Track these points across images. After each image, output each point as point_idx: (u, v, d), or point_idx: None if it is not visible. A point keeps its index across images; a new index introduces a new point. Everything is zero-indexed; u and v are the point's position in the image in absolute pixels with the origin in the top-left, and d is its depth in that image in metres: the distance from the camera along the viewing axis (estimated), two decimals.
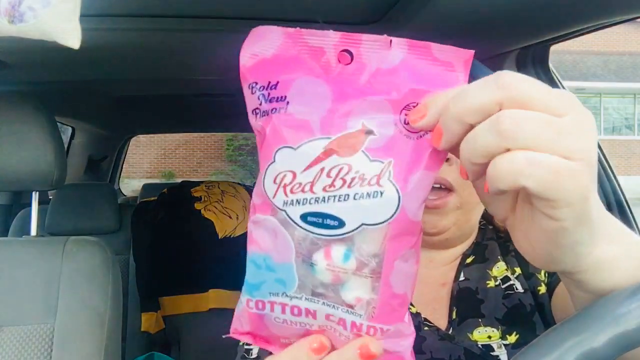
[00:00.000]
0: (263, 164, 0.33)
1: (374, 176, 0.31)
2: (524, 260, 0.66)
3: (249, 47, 0.33)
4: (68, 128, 2.40)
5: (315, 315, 0.33)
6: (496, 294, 0.65)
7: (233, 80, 1.56)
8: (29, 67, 1.19)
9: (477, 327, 0.62)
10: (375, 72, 0.32)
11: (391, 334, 0.33)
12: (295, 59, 0.32)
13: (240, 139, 11.66)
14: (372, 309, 0.32)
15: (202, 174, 11.88)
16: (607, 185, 1.13)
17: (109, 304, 1.00)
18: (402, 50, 0.32)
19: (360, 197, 0.30)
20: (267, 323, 0.35)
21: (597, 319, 0.26)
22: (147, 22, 0.89)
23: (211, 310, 1.75)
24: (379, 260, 0.31)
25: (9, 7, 0.50)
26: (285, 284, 0.32)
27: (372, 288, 0.32)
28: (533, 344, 0.27)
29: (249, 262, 0.34)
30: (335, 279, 0.32)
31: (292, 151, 0.32)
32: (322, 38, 0.32)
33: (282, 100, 0.32)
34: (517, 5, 0.73)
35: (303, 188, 0.31)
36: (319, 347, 0.33)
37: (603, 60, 13.52)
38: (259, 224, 0.33)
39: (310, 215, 0.31)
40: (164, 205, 1.88)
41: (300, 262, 0.32)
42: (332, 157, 0.31)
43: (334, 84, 0.32)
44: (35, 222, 1.12)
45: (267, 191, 0.32)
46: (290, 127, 0.32)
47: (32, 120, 1.01)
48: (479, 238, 0.70)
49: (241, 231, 1.82)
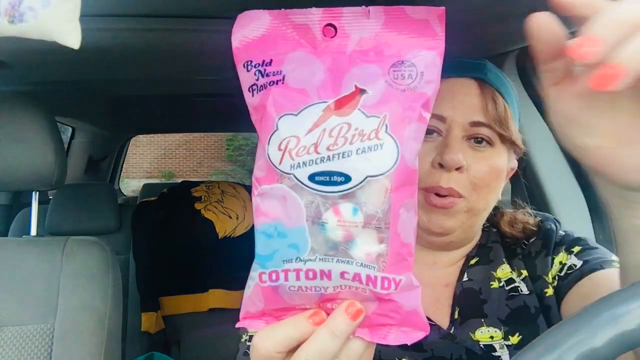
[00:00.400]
0: (264, 136, 0.35)
1: (372, 131, 0.33)
2: (531, 262, 0.66)
3: (239, 31, 0.36)
4: (68, 128, 2.40)
5: (330, 275, 0.34)
6: (500, 294, 0.65)
7: (233, 80, 1.55)
8: (29, 67, 1.19)
9: (479, 327, 0.63)
10: (359, 41, 0.35)
11: (404, 286, 0.34)
12: (284, 37, 0.35)
13: (240, 139, 11.66)
14: (383, 262, 0.34)
15: (202, 174, 11.88)
16: None
17: (109, 304, 1.00)
18: (380, 17, 0.34)
19: (362, 152, 0.33)
20: (281, 294, 0.35)
21: (597, 318, 0.26)
22: (147, 22, 0.89)
23: (211, 310, 1.75)
24: (385, 210, 0.33)
25: (9, 7, 0.50)
26: (299, 248, 0.34)
27: (381, 240, 0.33)
28: (533, 344, 0.27)
29: (258, 235, 0.35)
30: (347, 234, 0.33)
31: (294, 117, 0.34)
32: (306, 15, 0.35)
33: (278, 74, 0.35)
34: (517, 5, 0.73)
35: (308, 150, 0.33)
36: (317, 317, 0.35)
37: None
38: (265, 194, 0.35)
39: (318, 174, 0.33)
40: (164, 205, 1.88)
41: (311, 224, 0.33)
42: (332, 118, 0.33)
43: (322, 56, 0.35)
44: (35, 222, 1.12)
45: (272, 159, 0.34)
46: (289, 95, 0.34)
47: (32, 120, 1.01)
48: (483, 240, 0.70)
49: (241, 231, 1.82)
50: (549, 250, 0.65)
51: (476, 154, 0.62)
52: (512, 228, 0.69)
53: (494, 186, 0.63)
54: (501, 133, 0.62)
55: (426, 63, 0.34)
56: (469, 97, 0.62)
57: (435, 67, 0.35)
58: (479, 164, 0.61)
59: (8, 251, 1.01)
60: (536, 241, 0.68)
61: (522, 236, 0.69)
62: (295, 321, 0.35)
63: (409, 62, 0.34)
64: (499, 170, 0.63)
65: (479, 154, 0.62)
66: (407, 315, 0.35)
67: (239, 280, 1.88)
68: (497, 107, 0.62)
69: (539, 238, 0.68)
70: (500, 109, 0.62)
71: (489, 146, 0.62)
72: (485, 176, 0.62)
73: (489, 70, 0.65)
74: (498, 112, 0.62)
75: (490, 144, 0.62)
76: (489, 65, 0.66)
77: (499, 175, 0.63)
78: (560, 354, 0.25)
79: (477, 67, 0.65)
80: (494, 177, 0.62)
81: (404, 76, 0.34)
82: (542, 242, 0.67)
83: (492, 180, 0.62)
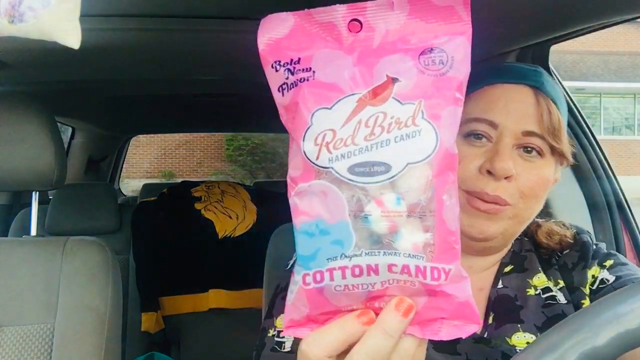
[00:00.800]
0: (298, 134, 0.34)
1: (408, 117, 0.33)
2: (567, 273, 0.66)
3: (264, 34, 0.36)
4: (68, 128, 2.40)
5: (377, 270, 0.33)
6: (537, 302, 0.64)
7: (233, 80, 1.56)
8: (29, 67, 1.19)
9: (516, 332, 0.62)
10: (385, 34, 0.34)
11: (453, 276, 0.33)
12: (310, 36, 0.35)
13: (240, 139, 11.65)
14: (431, 251, 0.33)
15: (202, 174, 11.87)
16: (607, 185, 1.13)
17: (109, 304, 1.00)
18: (405, 8, 0.34)
19: (400, 139, 0.32)
20: (327, 295, 0.34)
21: (599, 317, 0.26)
22: (147, 22, 0.89)
23: (211, 310, 1.75)
24: (429, 197, 0.32)
25: (9, 7, 0.50)
26: (343, 244, 0.33)
27: (426, 228, 0.33)
28: (535, 343, 0.27)
29: (298, 235, 0.35)
30: (391, 225, 0.32)
31: (328, 111, 0.34)
32: (331, 12, 0.35)
33: (307, 71, 0.35)
34: (517, 5, 0.73)
35: (345, 142, 0.33)
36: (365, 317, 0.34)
37: (603, 60, 13.51)
38: (303, 193, 0.34)
39: (357, 165, 0.33)
40: (164, 205, 1.88)
41: (354, 218, 0.33)
42: (367, 109, 0.33)
43: (350, 52, 0.34)
44: (35, 222, 1.11)
45: (309, 155, 0.34)
46: (321, 90, 0.34)
47: (32, 120, 1.01)
48: (516, 248, 0.69)
49: (241, 231, 1.82)
50: (586, 263, 0.65)
51: (526, 164, 0.61)
52: (549, 239, 0.68)
53: (540, 196, 0.62)
54: (552, 145, 0.60)
55: (456, 48, 0.34)
56: (524, 105, 0.61)
57: (465, 51, 0.34)
58: (529, 173, 0.60)
59: (8, 251, 1.01)
60: (572, 253, 0.67)
61: (558, 248, 0.68)
62: (344, 322, 0.34)
63: (438, 48, 0.34)
64: (547, 181, 0.62)
65: (528, 163, 0.61)
66: (459, 307, 0.34)
67: (239, 280, 1.89)
68: (552, 117, 0.60)
69: (575, 250, 0.67)
70: (555, 120, 0.60)
71: (539, 156, 0.61)
72: (534, 186, 0.60)
73: (545, 79, 0.63)
74: (552, 123, 0.60)
75: (540, 155, 0.61)
76: (545, 73, 0.65)
77: (546, 186, 0.62)
78: (563, 352, 0.25)
79: (534, 74, 0.63)
80: (542, 188, 0.61)
81: (434, 62, 0.34)
82: (579, 255, 0.66)
83: (540, 190, 0.61)
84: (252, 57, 0.38)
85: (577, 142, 1.12)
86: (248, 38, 1.05)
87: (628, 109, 14.15)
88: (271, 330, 0.67)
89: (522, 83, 0.63)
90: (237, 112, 2.24)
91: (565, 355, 0.25)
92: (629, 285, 0.27)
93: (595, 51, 13.36)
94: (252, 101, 1.94)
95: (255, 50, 0.36)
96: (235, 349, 1.76)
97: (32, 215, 1.11)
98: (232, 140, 11.79)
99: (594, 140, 1.13)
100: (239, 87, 1.68)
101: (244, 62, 1.09)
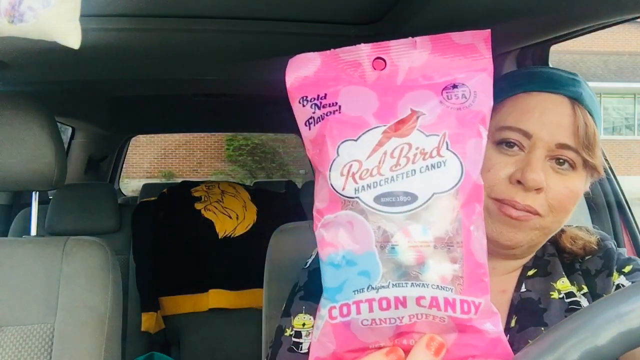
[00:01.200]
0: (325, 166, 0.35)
1: (433, 148, 0.33)
2: (590, 279, 0.65)
3: (293, 73, 0.37)
4: (68, 128, 2.39)
5: (405, 302, 0.32)
6: (560, 305, 0.64)
7: (233, 80, 1.56)
8: (29, 67, 1.19)
9: (539, 335, 0.62)
10: (408, 71, 0.36)
11: (484, 311, 0.33)
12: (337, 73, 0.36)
13: (240, 139, 11.65)
14: (460, 284, 0.32)
15: (202, 174, 11.87)
16: (607, 185, 1.13)
17: (109, 304, 1.00)
18: (427, 46, 0.35)
19: (426, 170, 0.33)
20: (354, 331, 0.33)
21: (601, 317, 0.26)
22: (147, 22, 0.89)
23: (211, 310, 1.75)
24: (456, 228, 0.32)
25: (9, 7, 0.50)
26: (370, 275, 0.32)
27: (454, 259, 0.32)
28: (536, 342, 0.27)
29: (325, 268, 0.34)
30: (419, 256, 0.32)
31: (354, 142, 0.34)
32: (356, 52, 0.36)
33: (334, 105, 0.35)
34: (517, 5, 0.73)
35: (371, 172, 0.33)
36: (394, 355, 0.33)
37: (603, 60, 13.51)
38: (329, 224, 0.34)
39: (383, 196, 0.33)
40: (164, 205, 1.88)
41: (380, 249, 0.32)
42: (392, 140, 0.34)
43: (375, 88, 0.35)
44: (35, 222, 1.11)
45: (335, 186, 0.34)
46: (347, 123, 0.35)
47: (32, 120, 1.00)
48: (539, 252, 0.69)
49: (241, 231, 1.82)
50: (610, 270, 0.65)
51: (557, 176, 0.59)
52: (573, 244, 0.68)
53: (570, 209, 0.61)
54: (586, 159, 0.59)
55: (478, 84, 0.35)
56: (559, 116, 0.59)
57: (487, 86, 0.35)
58: (559, 186, 0.59)
59: (8, 251, 1.01)
60: (595, 259, 0.67)
61: (582, 253, 0.67)
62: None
63: (460, 83, 0.35)
64: (578, 194, 0.61)
65: (560, 176, 0.59)
66: (490, 343, 0.33)
67: (239, 280, 1.89)
68: (588, 131, 0.59)
69: (599, 257, 0.67)
70: (591, 133, 0.59)
71: (571, 169, 0.60)
72: (564, 199, 0.59)
73: (583, 88, 0.62)
74: (588, 137, 0.58)
75: (572, 167, 0.60)
76: (583, 82, 0.63)
77: (576, 199, 0.61)
78: (564, 351, 0.25)
79: (572, 83, 0.62)
80: (572, 201, 0.60)
81: (457, 96, 0.35)
82: (602, 262, 0.66)
83: (569, 203, 0.60)
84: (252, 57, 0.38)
85: None
86: (248, 38, 1.05)
87: (628, 109, 14.14)
88: (288, 329, 0.67)
89: (559, 93, 0.61)
90: (237, 112, 2.24)
91: (567, 354, 0.25)
92: (630, 285, 0.27)
93: (595, 51, 13.35)
94: (252, 101, 1.95)
95: (255, 51, 0.37)
96: (235, 349, 1.76)
97: (32, 215, 1.11)
98: (232, 140, 11.79)
99: None
100: (239, 87, 1.68)
101: (244, 62, 1.09)
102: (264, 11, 0.88)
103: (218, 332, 1.78)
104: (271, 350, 0.67)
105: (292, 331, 0.66)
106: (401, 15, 0.86)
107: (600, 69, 13.45)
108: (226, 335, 1.78)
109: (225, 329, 1.78)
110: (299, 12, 0.88)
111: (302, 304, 0.68)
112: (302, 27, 0.94)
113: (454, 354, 0.33)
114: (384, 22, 0.92)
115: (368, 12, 0.90)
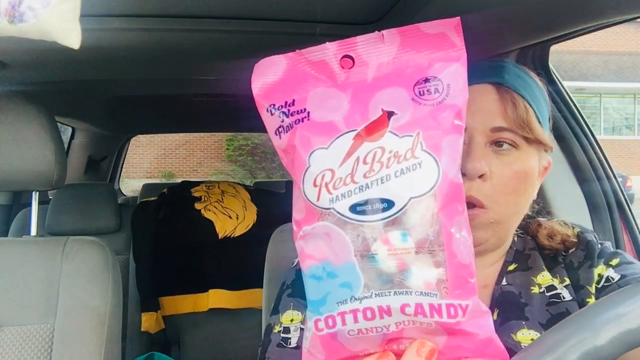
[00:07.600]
0: (298, 176, 0.34)
1: (407, 150, 0.32)
2: (573, 271, 0.66)
3: (258, 79, 0.35)
4: (68, 128, 2.39)
5: (389, 311, 0.31)
6: (541, 300, 0.64)
7: (233, 80, 1.56)
8: (29, 67, 1.19)
9: (520, 328, 0.62)
10: (378, 67, 0.34)
11: (472, 312, 0.32)
12: (303, 76, 0.34)
13: (240, 139, 11.65)
14: (445, 287, 0.31)
15: (202, 174, 11.87)
16: (607, 185, 1.13)
17: (109, 304, 1.00)
18: (395, 39, 0.34)
19: (401, 174, 0.31)
20: (341, 341, 0.33)
21: (600, 317, 0.26)
22: (148, 22, 0.89)
23: (211, 310, 1.75)
24: (436, 231, 0.31)
25: (9, 7, 0.50)
26: (352, 286, 0.32)
27: (437, 264, 0.31)
28: (536, 342, 0.27)
29: (307, 280, 0.33)
30: (400, 263, 0.31)
31: (325, 151, 0.33)
32: (322, 51, 0.34)
33: (302, 112, 0.34)
34: (517, 6, 0.73)
35: (345, 181, 0.32)
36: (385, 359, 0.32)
37: (603, 60, 13.51)
38: (307, 236, 0.33)
39: (359, 204, 0.32)
40: (164, 205, 1.88)
41: (360, 259, 0.31)
42: (364, 145, 0.32)
43: (344, 89, 0.34)
44: (35, 222, 1.11)
45: (309, 197, 0.33)
46: (317, 130, 0.33)
47: (32, 120, 1.01)
48: (519, 246, 0.69)
49: (241, 231, 1.82)
50: (592, 262, 0.65)
51: (500, 159, 0.61)
52: (551, 241, 0.68)
53: (522, 190, 0.62)
54: (525, 136, 0.60)
55: (451, 75, 0.33)
56: (487, 103, 0.62)
57: (461, 77, 0.34)
58: (503, 169, 0.60)
59: (8, 251, 1.01)
60: (577, 252, 0.67)
61: (562, 248, 0.68)
62: None
63: (432, 77, 0.33)
64: (527, 173, 0.62)
65: (503, 158, 0.61)
66: (481, 345, 0.33)
67: (238, 280, 1.89)
68: (517, 109, 0.60)
69: (581, 249, 0.67)
70: (521, 111, 0.61)
71: (514, 149, 0.61)
72: (510, 182, 0.60)
73: (507, 72, 0.63)
74: (519, 115, 0.60)
75: (514, 147, 0.61)
76: (507, 66, 0.64)
77: (527, 178, 0.62)
78: (564, 351, 0.25)
79: (494, 70, 0.64)
80: (521, 181, 0.61)
81: (430, 92, 0.33)
82: (584, 254, 0.67)
83: (518, 184, 0.61)
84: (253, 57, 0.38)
85: (577, 142, 1.12)
86: (248, 38, 1.05)
87: (628, 109, 14.14)
88: (277, 326, 0.67)
89: (483, 82, 0.63)
90: (237, 112, 2.24)
91: (566, 355, 0.25)
92: (630, 285, 0.27)
93: (595, 51, 13.35)
94: (252, 101, 1.94)
95: (255, 51, 0.36)
96: (235, 349, 1.76)
97: (32, 215, 1.11)
98: (232, 140, 11.79)
99: (594, 140, 1.13)
100: (239, 87, 1.67)
101: (244, 62, 1.09)
102: (264, 11, 0.88)
103: (218, 332, 1.78)
104: (260, 349, 0.67)
105: (281, 327, 0.67)
106: (401, 15, 0.86)
107: (600, 69, 13.45)
108: (226, 335, 1.78)
109: (225, 329, 1.78)
110: (299, 12, 0.88)
111: (290, 301, 0.69)
112: (302, 27, 0.94)
113: (446, 355, 0.33)
114: (384, 22, 0.92)
115: (368, 12, 0.90)
